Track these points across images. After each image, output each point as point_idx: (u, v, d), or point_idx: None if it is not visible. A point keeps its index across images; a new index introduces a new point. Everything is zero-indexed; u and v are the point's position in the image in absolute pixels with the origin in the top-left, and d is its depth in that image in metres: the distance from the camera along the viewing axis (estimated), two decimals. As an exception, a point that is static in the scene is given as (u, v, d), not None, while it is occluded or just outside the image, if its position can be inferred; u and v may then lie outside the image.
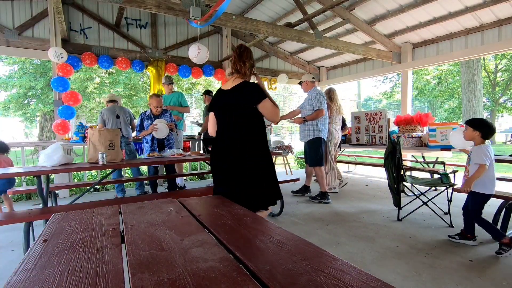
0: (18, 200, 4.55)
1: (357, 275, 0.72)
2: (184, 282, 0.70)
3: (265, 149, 2.01)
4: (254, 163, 1.95)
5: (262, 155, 1.99)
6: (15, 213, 2.45)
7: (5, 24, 4.66)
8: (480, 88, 13.00)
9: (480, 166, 2.37)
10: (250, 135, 1.95)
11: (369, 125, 5.07)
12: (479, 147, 2.43)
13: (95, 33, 5.34)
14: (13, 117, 14.74)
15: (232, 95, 1.95)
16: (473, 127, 2.45)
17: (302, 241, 0.97)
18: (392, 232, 2.89)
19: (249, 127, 1.95)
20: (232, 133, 1.96)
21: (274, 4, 5.89)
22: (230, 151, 1.95)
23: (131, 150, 4.28)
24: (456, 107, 19.07)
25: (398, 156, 3.15)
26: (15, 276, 0.74)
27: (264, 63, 7.42)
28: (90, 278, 0.73)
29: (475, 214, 2.47)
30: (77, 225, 1.17)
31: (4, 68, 15.66)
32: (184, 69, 5.96)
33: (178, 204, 1.48)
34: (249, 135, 1.95)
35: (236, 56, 2.01)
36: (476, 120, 2.49)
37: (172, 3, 3.72)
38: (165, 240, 0.98)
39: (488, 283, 1.94)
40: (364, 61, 7.23)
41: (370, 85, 40.67)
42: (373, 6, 5.27)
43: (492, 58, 17.08)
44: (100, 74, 12.48)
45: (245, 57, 2.00)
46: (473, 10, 4.64)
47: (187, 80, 14.00)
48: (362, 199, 4.29)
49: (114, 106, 4.22)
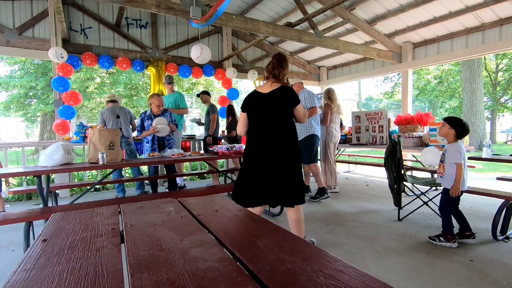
0: (19, 200, 4.56)
1: (357, 275, 0.72)
2: (183, 282, 0.70)
3: (297, 150, 2.17)
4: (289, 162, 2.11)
5: (296, 156, 2.16)
6: (16, 213, 2.45)
7: (6, 24, 4.67)
8: (481, 88, 12.98)
9: (458, 166, 2.47)
10: (286, 136, 2.13)
11: (370, 125, 5.07)
12: (454, 146, 2.52)
13: (96, 33, 5.35)
14: (14, 117, 14.77)
15: (271, 98, 2.12)
16: (450, 125, 2.54)
17: (301, 241, 0.97)
18: (392, 232, 2.89)
19: (285, 128, 2.13)
20: (271, 133, 2.12)
21: (275, 4, 5.89)
22: (266, 151, 2.12)
23: (131, 150, 4.28)
24: (457, 106, 19.05)
25: (398, 156, 3.15)
26: (14, 276, 0.74)
27: (264, 63, 7.42)
28: (90, 278, 0.73)
29: (452, 208, 2.59)
30: (77, 225, 1.16)
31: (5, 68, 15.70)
32: (184, 69, 5.96)
33: (177, 204, 1.48)
34: (285, 136, 2.13)
35: (276, 62, 2.20)
36: (455, 119, 2.59)
37: (172, 3, 3.72)
38: (165, 240, 0.98)
39: (489, 283, 1.93)
40: (364, 61, 7.22)
41: (370, 85, 40.69)
42: (373, 6, 5.26)
43: (493, 58, 17.06)
44: (101, 74, 12.50)
45: (284, 64, 2.20)
46: (473, 10, 4.63)
47: (188, 80, 14.01)
48: (362, 199, 4.28)
49: (114, 106, 4.22)
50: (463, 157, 2.49)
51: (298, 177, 2.16)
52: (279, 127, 2.12)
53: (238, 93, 6.74)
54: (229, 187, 3.65)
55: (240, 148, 3.71)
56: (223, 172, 4.80)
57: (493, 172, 6.73)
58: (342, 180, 5.81)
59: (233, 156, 3.63)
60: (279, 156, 2.10)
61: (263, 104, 2.14)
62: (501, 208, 2.65)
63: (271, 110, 2.12)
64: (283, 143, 2.12)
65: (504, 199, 2.64)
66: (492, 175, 6.22)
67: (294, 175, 2.13)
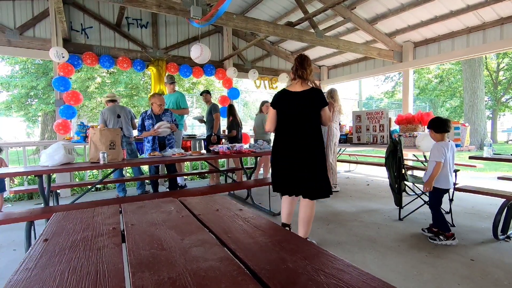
0: (20, 199, 4.57)
1: (358, 274, 0.72)
2: (184, 281, 0.70)
3: (322, 148, 2.32)
4: (315, 158, 2.25)
5: (321, 153, 2.30)
6: (17, 213, 2.46)
7: (7, 24, 4.67)
8: (482, 87, 12.95)
9: (436, 164, 2.58)
10: (313, 135, 2.27)
11: (370, 124, 5.06)
12: (436, 145, 2.64)
13: (96, 33, 5.35)
14: (15, 117, 14.79)
15: (302, 97, 2.25)
16: (429, 128, 2.71)
17: (302, 240, 0.97)
18: (393, 232, 2.89)
19: (314, 127, 2.27)
20: (299, 131, 2.26)
21: (275, 3, 5.88)
22: (294, 147, 2.27)
23: (132, 149, 4.28)
24: (458, 106, 19.01)
25: (399, 155, 3.15)
26: (15, 276, 0.74)
27: (265, 62, 7.41)
28: (91, 278, 0.73)
29: (433, 207, 2.68)
30: (78, 224, 1.17)
31: (6, 68, 15.71)
32: (185, 69, 5.96)
33: (178, 203, 1.48)
34: (312, 135, 2.26)
35: (298, 64, 2.31)
36: (430, 121, 2.72)
37: (172, 3, 3.72)
38: (166, 239, 0.98)
39: (490, 283, 1.93)
40: (365, 60, 7.21)
41: (371, 84, 40.54)
42: (374, 5, 5.25)
43: (494, 57, 17.01)
44: (101, 73, 12.51)
45: (306, 64, 2.31)
46: (474, 9, 4.62)
47: (188, 80, 14.01)
48: (363, 198, 4.28)
49: (114, 106, 4.22)
50: (445, 156, 2.58)
51: (323, 174, 2.29)
52: (308, 125, 2.26)
53: (238, 92, 6.74)
54: (230, 186, 3.65)
55: (241, 148, 3.71)
56: (223, 171, 4.80)
57: (494, 172, 6.71)
58: (342, 179, 5.80)
59: (234, 155, 3.63)
60: (306, 152, 2.24)
61: (294, 102, 2.27)
62: (502, 208, 2.64)
63: (302, 108, 2.25)
64: (310, 141, 2.26)
65: (505, 199, 2.64)
66: (493, 175, 6.20)
67: (318, 172, 2.27)
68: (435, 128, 2.65)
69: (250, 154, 3.68)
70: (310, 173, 2.25)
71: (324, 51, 7.21)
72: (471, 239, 2.69)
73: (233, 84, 6.63)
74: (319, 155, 2.28)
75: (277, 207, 3.55)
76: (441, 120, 2.65)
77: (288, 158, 2.30)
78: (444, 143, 2.62)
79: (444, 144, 2.60)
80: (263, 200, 4.12)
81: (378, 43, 6.00)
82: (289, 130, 2.30)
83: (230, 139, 5.14)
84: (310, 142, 2.26)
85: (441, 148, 2.58)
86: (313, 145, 2.26)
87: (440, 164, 2.56)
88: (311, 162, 2.25)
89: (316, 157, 2.26)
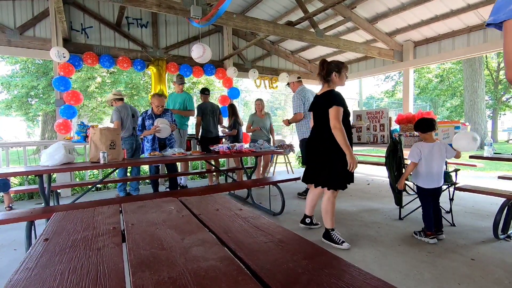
0: (20, 199, 4.57)
1: (358, 274, 0.72)
2: (184, 281, 0.70)
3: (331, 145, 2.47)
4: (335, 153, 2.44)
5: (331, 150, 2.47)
6: (18, 212, 2.46)
7: (7, 24, 4.67)
8: (482, 86, 12.94)
9: (410, 163, 2.70)
10: (324, 133, 2.46)
11: (371, 124, 5.06)
12: (413, 145, 2.71)
13: (96, 33, 5.35)
14: (15, 117, 14.80)
15: (319, 100, 2.53)
16: (415, 131, 2.78)
17: (303, 240, 0.97)
18: (393, 231, 2.89)
19: (325, 126, 2.45)
20: (317, 129, 2.57)
21: (275, 3, 5.88)
22: (313, 143, 2.58)
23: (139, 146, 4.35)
24: (458, 105, 18.98)
25: (399, 155, 3.15)
26: (16, 275, 0.74)
27: (265, 62, 7.41)
28: (91, 277, 0.73)
29: (421, 205, 2.73)
30: (78, 224, 1.17)
31: (6, 68, 15.73)
32: (185, 68, 5.96)
33: (178, 203, 1.48)
34: (324, 133, 2.46)
35: (320, 67, 2.57)
36: (414, 124, 2.78)
37: (173, 2, 3.72)
38: (166, 239, 0.98)
39: (491, 282, 1.93)
40: (365, 60, 7.21)
41: (371, 84, 40.57)
42: (374, 4, 5.25)
43: (495, 56, 16.99)
44: (102, 73, 12.51)
45: (324, 66, 2.55)
46: (475, 8, 4.61)
47: (188, 79, 14.00)
48: (363, 197, 4.28)
49: (126, 105, 4.26)
50: (421, 157, 2.63)
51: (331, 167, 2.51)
52: (322, 124, 2.49)
53: (238, 92, 6.73)
54: (230, 186, 3.65)
55: (241, 147, 3.70)
56: (223, 171, 4.80)
57: (495, 171, 6.71)
58: (343, 179, 5.79)
59: (234, 155, 3.63)
60: (319, 147, 2.52)
61: (318, 104, 2.55)
62: (503, 207, 2.64)
63: (318, 110, 2.53)
64: (323, 138, 2.49)
65: (505, 198, 2.63)
66: (494, 174, 6.20)
67: (328, 165, 2.51)
68: (420, 128, 2.70)
69: (250, 153, 3.68)
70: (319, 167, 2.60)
71: (324, 50, 7.20)
72: (471, 238, 2.68)
73: (233, 83, 6.62)
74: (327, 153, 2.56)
75: (277, 207, 3.55)
76: (425, 120, 2.69)
77: (309, 153, 2.67)
78: (421, 144, 2.66)
79: (421, 145, 2.64)
80: (263, 199, 4.12)
81: (379, 42, 5.99)
82: (312, 129, 2.67)
83: (231, 138, 5.15)
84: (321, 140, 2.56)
85: (415, 149, 2.65)
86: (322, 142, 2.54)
87: (413, 164, 2.65)
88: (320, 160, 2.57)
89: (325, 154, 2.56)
